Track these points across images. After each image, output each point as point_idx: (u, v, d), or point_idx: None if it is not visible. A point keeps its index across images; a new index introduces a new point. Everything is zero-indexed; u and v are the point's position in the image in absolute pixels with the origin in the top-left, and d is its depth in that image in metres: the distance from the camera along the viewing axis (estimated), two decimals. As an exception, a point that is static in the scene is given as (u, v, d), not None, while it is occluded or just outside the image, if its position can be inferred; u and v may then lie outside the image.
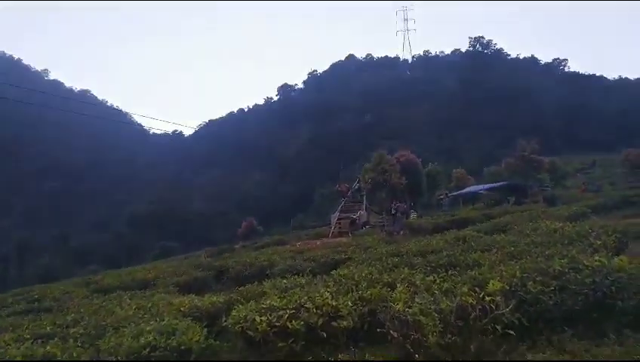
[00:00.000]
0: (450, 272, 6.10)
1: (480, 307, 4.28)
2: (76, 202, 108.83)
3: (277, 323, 4.96)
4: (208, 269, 14.50)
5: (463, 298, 4.42)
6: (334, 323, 4.94)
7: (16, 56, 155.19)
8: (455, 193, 36.34)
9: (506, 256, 6.72)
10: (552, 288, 4.67)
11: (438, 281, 5.59)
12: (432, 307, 4.44)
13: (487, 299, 4.29)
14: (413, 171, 29.74)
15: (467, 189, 36.62)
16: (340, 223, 26.53)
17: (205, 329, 5.59)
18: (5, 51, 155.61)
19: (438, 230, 17.80)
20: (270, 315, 5.12)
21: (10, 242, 74.56)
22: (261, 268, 12.97)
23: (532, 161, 32.84)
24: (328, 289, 5.92)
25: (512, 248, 7.30)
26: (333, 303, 5.22)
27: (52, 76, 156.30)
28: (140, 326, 5.63)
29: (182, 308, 6.88)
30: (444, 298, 4.69)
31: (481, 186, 36.28)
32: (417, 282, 5.59)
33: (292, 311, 5.16)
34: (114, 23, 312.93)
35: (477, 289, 4.64)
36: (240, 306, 5.95)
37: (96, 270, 46.83)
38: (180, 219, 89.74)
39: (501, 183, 32.58)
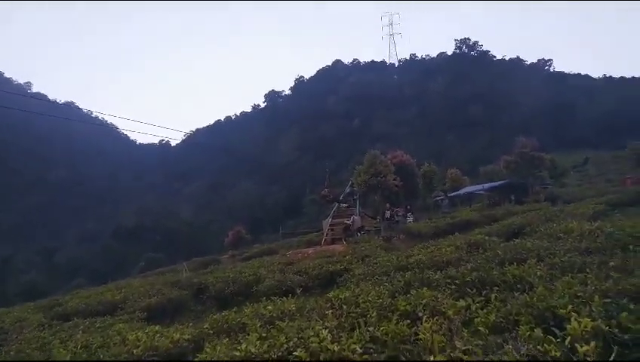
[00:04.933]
0: (488, 294, 4.56)
1: None
2: (62, 216, 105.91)
3: (255, 382, 3.43)
4: (186, 287, 12.84)
5: (537, 344, 2.89)
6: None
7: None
8: (453, 194, 35.02)
9: (556, 270, 5.18)
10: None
11: (476, 309, 4.06)
12: (487, 359, 2.93)
13: (580, 348, 2.73)
14: (407, 172, 28.29)
15: (465, 189, 35.31)
16: (332, 229, 24.93)
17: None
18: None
19: (439, 234, 16.54)
20: (246, 368, 3.59)
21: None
22: (246, 285, 11.52)
23: (532, 158, 31.55)
24: (326, 324, 4.35)
25: (555, 258, 5.79)
26: (335, 348, 3.64)
27: (35, 89, 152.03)
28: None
29: (135, 350, 5.28)
30: (500, 342, 3.17)
31: (480, 186, 35.00)
32: (449, 312, 4.03)
33: (277, 362, 3.62)
34: (98, 33, 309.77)
35: (550, 326, 3.13)
36: (208, 350, 4.38)
37: (82, 284, 44.87)
38: (167, 229, 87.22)
39: (501, 182, 31.31)
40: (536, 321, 3.46)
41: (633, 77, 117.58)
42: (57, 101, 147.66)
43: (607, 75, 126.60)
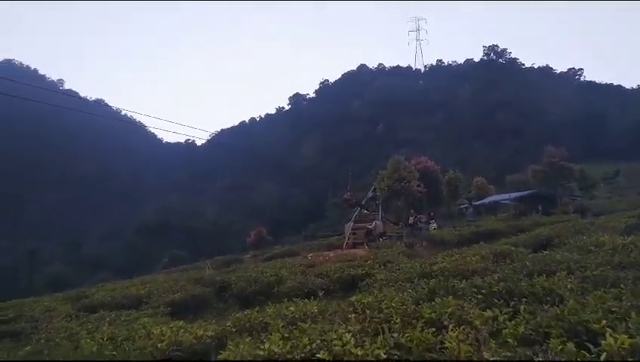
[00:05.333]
0: (516, 305, 4.46)
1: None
2: (88, 212, 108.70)
3: (278, 382, 3.44)
4: (209, 285, 13.01)
5: (569, 358, 2.81)
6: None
7: (32, 67, 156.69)
8: (478, 202, 34.35)
9: (587, 284, 5.03)
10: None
11: (504, 320, 3.98)
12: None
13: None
14: (431, 179, 27.99)
15: (491, 198, 34.59)
16: (354, 234, 24.85)
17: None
18: (22, 61, 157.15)
19: (463, 243, 16.27)
20: (269, 368, 3.60)
21: (21, 251, 73.97)
22: (267, 285, 11.60)
23: (562, 168, 30.70)
24: (350, 328, 4.34)
25: (587, 271, 5.62)
26: (358, 352, 3.62)
27: (67, 86, 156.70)
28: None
29: (160, 344, 5.36)
30: (530, 354, 3.09)
31: (506, 195, 34.25)
32: (476, 322, 3.96)
33: (300, 363, 3.62)
34: (129, 34, 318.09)
35: (583, 340, 3.05)
36: (231, 347, 4.41)
37: (107, 278, 45.92)
38: (190, 228, 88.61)
39: (529, 192, 30.56)
40: (567, 335, 3.36)
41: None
42: (88, 98, 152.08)
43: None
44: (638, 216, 13.95)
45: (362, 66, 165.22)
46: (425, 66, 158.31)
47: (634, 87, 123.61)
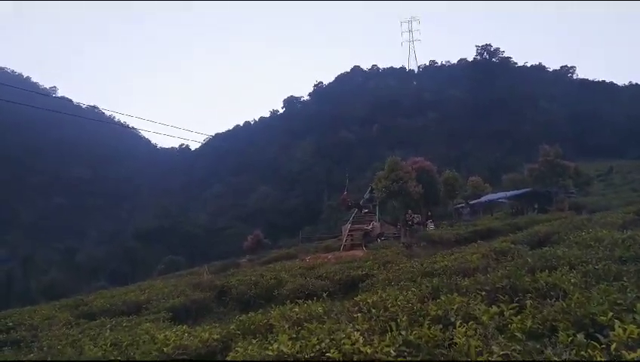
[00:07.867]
0: (521, 301, 4.49)
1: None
2: (82, 217, 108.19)
3: (289, 382, 3.45)
4: (208, 289, 12.96)
5: (580, 350, 2.84)
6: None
7: (25, 74, 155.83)
8: (474, 201, 34.48)
9: (590, 278, 5.07)
10: None
11: (510, 315, 4.01)
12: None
13: (627, 355, 2.68)
14: (428, 179, 28.05)
15: (486, 197, 34.73)
16: (352, 235, 24.87)
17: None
18: (14, 69, 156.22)
19: (460, 242, 16.37)
20: (279, 368, 3.61)
21: (16, 257, 73.29)
22: (267, 288, 11.57)
23: (557, 166, 30.90)
24: (357, 327, 4.35)
25: (589, 266, 5.66)
26: (368, 350, 3.64)
27: (60, 93, 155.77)
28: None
29: (165, 348, 5.34)
30: (540, 347, 3.12)
31: (502, 194, 34.39)
32: (483, 317, 3.98)
33: (310, 362, 3.64)
34: (123, 39, 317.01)
35: (591, 332, 3.09)
36: (239, 349, 4.41)
37: (103, 285, 45.61)
38: (186, 232, 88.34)
39: (525, 190, 30.73)
40: (574, 328, 3.39)
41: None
42: (81, 104, 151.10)
43: (633, 83, 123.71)
44: (635, 212, 14.06)
45: (356, 68, 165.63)
46: (418, 67, 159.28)
47: (626, 84, 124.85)
